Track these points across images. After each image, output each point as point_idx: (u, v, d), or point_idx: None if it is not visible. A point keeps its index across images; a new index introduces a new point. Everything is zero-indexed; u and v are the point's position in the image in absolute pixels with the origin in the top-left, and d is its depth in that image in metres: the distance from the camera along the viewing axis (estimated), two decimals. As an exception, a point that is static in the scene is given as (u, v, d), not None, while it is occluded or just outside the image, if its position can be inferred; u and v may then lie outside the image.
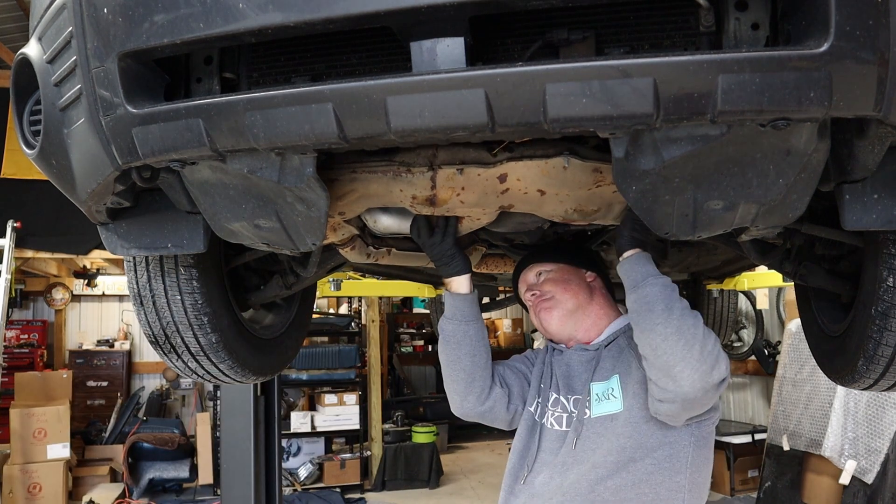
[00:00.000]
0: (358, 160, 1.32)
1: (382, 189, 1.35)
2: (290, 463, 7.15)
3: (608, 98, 0.89)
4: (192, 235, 1.42)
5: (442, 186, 1.32)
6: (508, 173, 1.29)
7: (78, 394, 7.69)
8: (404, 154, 1.31)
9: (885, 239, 1.37)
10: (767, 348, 6.83)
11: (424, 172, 1.30)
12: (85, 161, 1.20)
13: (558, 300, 1.64)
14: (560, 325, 1.65)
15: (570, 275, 1.67)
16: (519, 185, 1.32)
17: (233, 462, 3.82)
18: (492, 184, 1.32)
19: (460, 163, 1.29)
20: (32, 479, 6.03)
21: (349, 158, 1.32)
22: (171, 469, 6.81)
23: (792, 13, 0.93)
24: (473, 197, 1.35)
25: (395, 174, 1.31)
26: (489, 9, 0.93)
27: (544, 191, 1.33)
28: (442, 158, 1.30)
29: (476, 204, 1.38)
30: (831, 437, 4.54)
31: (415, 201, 1.37)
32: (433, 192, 1.33)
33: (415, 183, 1.32)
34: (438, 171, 1.30)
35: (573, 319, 1.65)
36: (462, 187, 1.32)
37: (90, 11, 1.06)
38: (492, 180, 1.31)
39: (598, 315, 1.67)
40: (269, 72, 1.19)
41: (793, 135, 0.99)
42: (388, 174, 1.32)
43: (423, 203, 1.37)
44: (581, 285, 1.67)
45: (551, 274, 1.68)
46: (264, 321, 2.09)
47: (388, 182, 1.33)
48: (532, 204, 1.39)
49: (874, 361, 1.50)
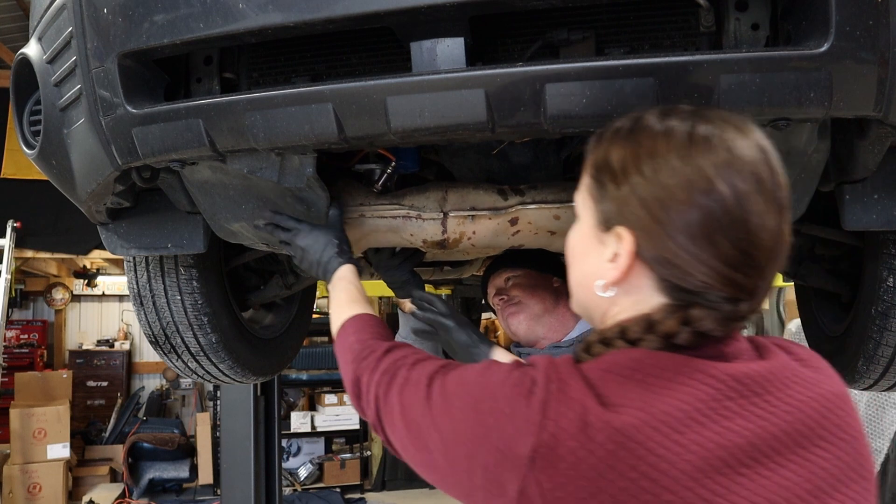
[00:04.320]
0: (366, 202, 1.32)
1: (392, 233, 1.35)
2: (290, 463, 7.14)
3: (608, 98, 0.89)
4: (192, 235, 1.42)
5: (453, 231, 1.32)
6: (520, 217, 1.29)
7: (78, 394, 7.68)
8: (414, 198, 1.31)
9: (885, 239, 1.37)
10: (767, 348, 6.83)
11: (435, 218, 1.30)
12: (85, 161, 1.19)
13: (525, 304, 1.66)
14: (527, 328, 1.67)
15: (537, 280, 1.69)
16: (530, 228, 1.32)
17: (233, 462, 3.82)
18: (503, 227, 1.31)
19: (471, 208, 1.29)
20: (32, 479, 6.02)
21: (357, 201, 1.32)
22: (171, 469, 6.80)
23: (792, 13, 0.93)
24: (485, 239, 1.35)
25: (405, 218, 1.31)
26: (489, 9, 0.93)
27: (555, 231, 1.33)
28: (452, 203, 1.29)
29: (487, 245, 1.38)
30: (831, 437, 4.55)
31: (425, 244, 1.36)
32: (444, 237, 1.33)
33: (425, 228, 1.32)
34: (449, 217, 1.30)
35: (539, 324, 1.66)
36: (473, 231, 1.32)
37: (90, 11, 1.06)
38: (503, 224, 1.31)
39: (566, 316, 1.68)
40: (269, 72, 1.19)
41: (793, 135, 0.99)
42: (398, 219, 1.32)
43: (433, 246, 1.37)
44: (548, 290, 1.68)
45: (519, 279, 1.70)
46: (264, 321, 2.09)
47: (398, 226, 1.33)
48: (542, 242, 1.39)
49: (874, 361, 1.50)
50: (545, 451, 0.65)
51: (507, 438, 0.67)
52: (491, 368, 0.76)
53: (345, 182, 1.34)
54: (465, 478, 0.71)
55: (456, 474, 0.73)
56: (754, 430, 0.68)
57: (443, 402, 0.76)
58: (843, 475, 0.71)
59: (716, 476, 0.65)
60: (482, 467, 0.69)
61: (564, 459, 0.64)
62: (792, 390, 0.72)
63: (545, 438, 0.65)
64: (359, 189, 1.34)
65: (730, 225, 0.68)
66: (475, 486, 0.70)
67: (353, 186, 1.34)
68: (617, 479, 0.63)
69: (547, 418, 0.66)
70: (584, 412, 0.66)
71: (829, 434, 0.72)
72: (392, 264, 1.55)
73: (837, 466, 0.71)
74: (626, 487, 0.63)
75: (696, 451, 0.65)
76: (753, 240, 0.69)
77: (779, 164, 0.72)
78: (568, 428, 0.65)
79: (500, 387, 0.72)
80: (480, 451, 0.69)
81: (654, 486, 0.63)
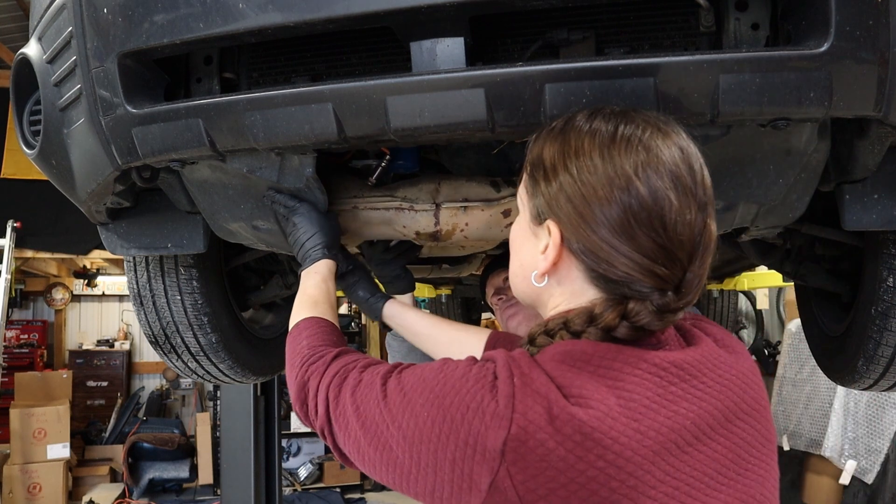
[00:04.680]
0: (359, 195, 1.32)
1: (385, 226, 1.35)
2: (290, 463, 7.14)
3: (608, 98, 0.89)
4: (192, 235, 1.42)
5: (446, 222, 1.32)
6: (512, 209, 1.29)
7: (78, 394, 7.67)
8: (406, 189, 1.31)
9: (885, 239, 1.37)
10: (767, 348, 6.83)
11: (427, 210, 1.30)
12: (85, 161, 1.19)
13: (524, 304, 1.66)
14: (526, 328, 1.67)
15: None
16: None
17: (233, 462, 3.81)
18: (496, 219, 1.31)
19: (463, 200, 1.29)
20: (32, 479, 6.02)
21: (350, 193, 1.32)
22: (171, 469, 6.80)
23: (792, 13, 0.93)
24: (478, 231, 1.34)
25: (397, 210, 1.31)
26: (489, 9, 0.93)
27: None
28: (445, 194, 1.29)
29: (480, 237, 1.38)
30: (831, 437, 4.54)
31: (418, 237, 1.36)
32: (437, 228, 1.33)
33: (418, 220, 1.32)
34: (442, 209, 1.30)
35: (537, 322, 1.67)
36: (466, 223, 1.32)
37: (90, 11, 1.06)
38: (496, 215, 1.30)
39: None
40: (269, 72, 1.19)
41: (793, 135, 0.99)
42: (391, 211, 1.32)
43: (426, 238, 1.37)
44: None
45: None
46: (264, 321, 2.09)
47: (391, 218, 1.33)
48: None
49: (874, 361, 1.50)
50: (516, 444, 0.68)
51: (476, 433, 0.69)
52: (449, 365, 0.78)
53: (338, 175, 1.34)
54: (430, 473, 0.72)
55: (420, 471, 0.73)
56: (697, 412, 0.74)
57: (402, 399, 0.77)
58: (756, 442, 0.80)
59: (668, 457, 0.71)
60: (450, 462, 0.71)
61: (534, 452, 0.67)
62: (719, 371, 0.80)
63: (515, 432, 0.68)
64: (352, 182, 1.33)
65: (647, 220, 0.73)
66: (442, 481, 0.72)
67: (347, 179, 1.34)
68: (586, 468, 0.67)
69: (516, 412, 0.69)
70: (549, 405, 0.69)
71: (748, 407, 0.80)
72: (385, 258, 1.55)
73: (753, 435, 0.79)
74: (595, 476, 0.67)
75: (653, 436, 0.70)
76: (671, 235, 0.74)
77: (699, 163, 0.77)
78: (536, 421, 0.68)
79: (462, 381, 0.74)
80: (447, 447, 0.71)
81: (619, 472, 0.68)
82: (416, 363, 0.85)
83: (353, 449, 0.83)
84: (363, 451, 0.81)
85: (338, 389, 0.86)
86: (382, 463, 0.78)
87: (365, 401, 0.81)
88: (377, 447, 0.78)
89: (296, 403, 0.94)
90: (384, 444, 0.77)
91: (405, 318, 1.34)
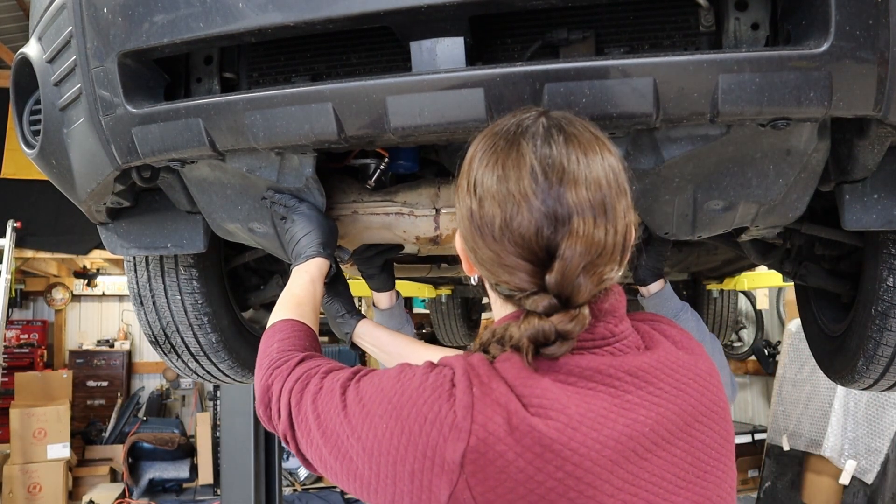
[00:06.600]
0: (359, 199, 1.32)
1: (385, 230, 1.35)
2: (290, 463, 7.14)
3: (608, 98, 0.89)
4: (192, 235, 1.42)
5: (446, 227, 1.32)
6: None
7: (78, 394, 7.68)
8: (406, 194, 1.31)
9: (885, 239, 1.37)
10: (767, 348, 6.83)
11: (427, 215, 1.30)
12: (85, 161, 1.19)
13: None
14: None
15: None
16: None
17: (233, 462, 3.82)
18: None
19: None
20: (32, 479, 6.02)
21: (350, 198, 1.32)
22: (171, 469, 6.80)
23: (792, 13, 0.93)
24: None
25: (397, 215, 1.31)
26: (489, 9, 0.93)
27: None
28: (445, 199, 1.30)
29: None
30: (831, 437, 4.54)
31: (418, 241, 1.36)
32: (437, 233, 1.33)
33: (418, 225, 1.32)
34: (442, 214, 1.30)
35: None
36: None
37: (90, 11, 1.06)
38: None
39: None
40: (269, 71, 1.19)
41: (793, 135, 0.99)
42: (391, 216, 1.32)
43: (426, 242, 1.37)
44: None
45: None
46: (264, 321, 2.09)
47: (391, 223, 1.33)
48: None
49: (874, 361, 1.50)
50: (475, 455, 0.67)
51: (435, 444, 0.69)
52: (405, 373, 0.77)
53: (338, 179, 1.34)
54: (389, 485, 0.72)
55: (380, 482, 0.73)
56: (655, 418, 0.74)
57: (360, 409, 0.76)
58: (715, 444, 0.79)
59: (626, 465, 0.71)
60: (409, 474, 0.70)
61: (494, 463, 0.67)
62: (678, 375, 0.79)
63: (474, 443, 0.67)
64: (352, 186, 1.33)
65: (507, 232, 0.73)
66: (401, 492, 0.71)
67: (346, 183, 1.34)
68: (545, 479, 0.67)
69: (475, 423, 0.68)
70: (508, 416, 0.68)
71: (706, 409, 0.80)
72: (367, 254, 1.54)
73: (712, 437, 0.79)
74: (554, 487, 0.67)
75: (612, 444, 0.70)
76: (531, 247, 0.72)
77: (558, 168, 0.73)
78: (496, 432, 0.68)
79: (419, 391, 0.73)
80: (406, 458, 0.70)
81: (578, 483, 0.68)
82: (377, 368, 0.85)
83: (315, 456, 0.82)
84: (325, 460, 0.80)
85: (299, 395, 0.85)
86: (343, 472, 0.78)
87: (325, 409, 0.80)
88: (338, 457, 0.78)
89: (259, 406, 0.93)
90: (344, 454, 0.77)
91: (377, 338, 1.32)
